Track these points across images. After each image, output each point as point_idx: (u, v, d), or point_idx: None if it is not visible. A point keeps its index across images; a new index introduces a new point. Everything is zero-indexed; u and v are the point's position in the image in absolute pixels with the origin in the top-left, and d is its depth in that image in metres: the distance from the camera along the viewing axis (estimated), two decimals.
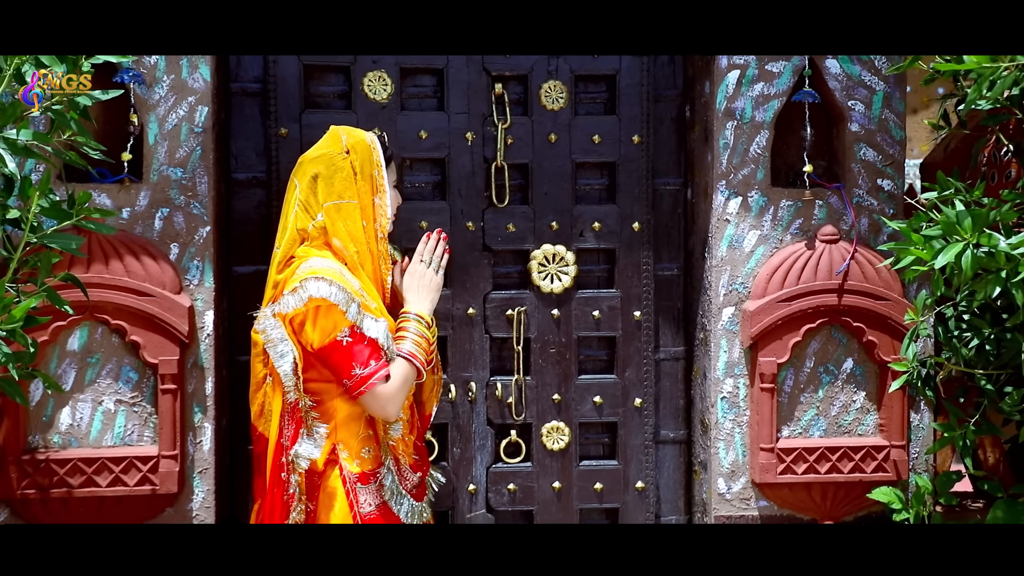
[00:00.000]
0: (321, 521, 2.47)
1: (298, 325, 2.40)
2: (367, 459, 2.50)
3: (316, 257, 2.46)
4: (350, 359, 2.39)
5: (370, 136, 2.57)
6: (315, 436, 2.46)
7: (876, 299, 2.91)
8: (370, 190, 2.52)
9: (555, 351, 3.11)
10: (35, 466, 2.70)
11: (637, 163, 3.11)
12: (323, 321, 2.38)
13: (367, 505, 2.47)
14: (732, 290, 2.96)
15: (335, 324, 2.38)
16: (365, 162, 2.51)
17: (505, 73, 3.06)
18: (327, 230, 2.49)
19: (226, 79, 2.99)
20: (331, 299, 2.37)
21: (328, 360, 2.41)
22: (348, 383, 2.40)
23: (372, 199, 2.51)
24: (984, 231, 2.17)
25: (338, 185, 2.48)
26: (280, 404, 2.45)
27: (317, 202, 2.48)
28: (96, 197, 2.72)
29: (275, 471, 2.46)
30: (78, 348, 2.76)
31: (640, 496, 3.15)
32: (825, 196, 2.97)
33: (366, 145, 2.53)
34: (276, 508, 2.46)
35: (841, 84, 2.94)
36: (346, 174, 2.49)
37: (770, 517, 2.99)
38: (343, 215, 2.49)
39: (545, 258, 3.09)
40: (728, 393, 2.97)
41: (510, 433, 3.12)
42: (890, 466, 2.94)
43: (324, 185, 2.48)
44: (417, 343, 2.53)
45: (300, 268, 2.43)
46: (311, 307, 2.38)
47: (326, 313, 2.38)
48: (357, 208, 2.49)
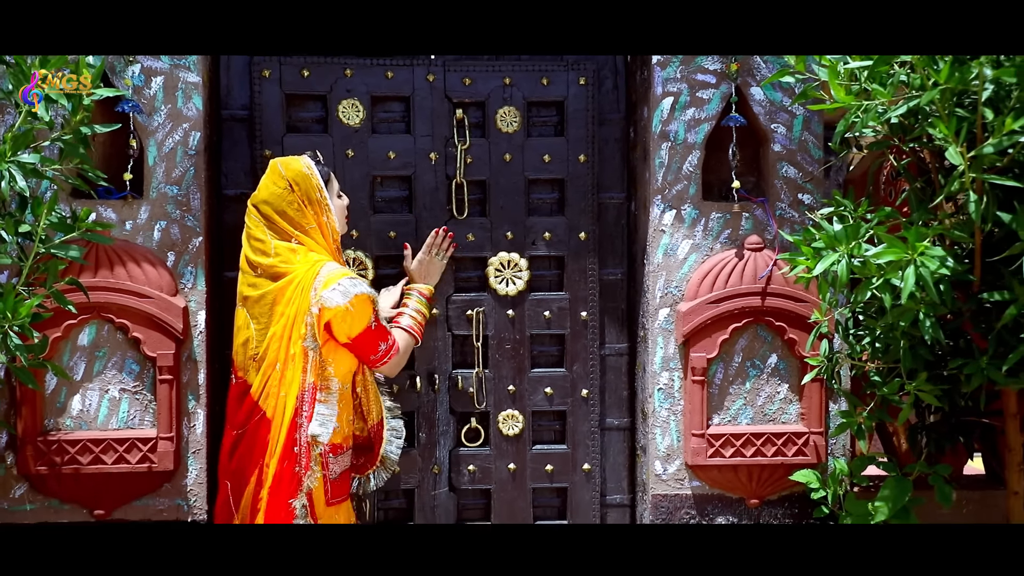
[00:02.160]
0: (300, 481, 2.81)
1: (330, 317, 2.76)
2: (337, 433, 2.85)
3: (329, 262, 2.83)
4: (377, 339, 2.86)
5: (305, 162, 2.89)
6: (328, 415, 2.80)
7: (796, 301, 3.20)
8: (319, 212, 2.87)
9: (510, 347, 3.39)
10: (50, 446, 2.99)
11: (584, 179, 3.38)
12: (359, 312, 2.79)
13: (334, 472, 2.86)
14: (667, 293, 3.26)
15: (368, 313, 2.81)
16: (308, 190, 2.85)
17: (465, 100, 3.34)
18: (307, 248, 2.84)
19: (217, 107, 3.29)
20: (370, 293, 2.82)
21: (358, 342, 2.83)
22: (375, 357, 2.88)
23: (322, 219, 2.87)
24: (859, 243, 2.48)
25: (295, 215, 2.84)
26: (298, 386, 2.78)
27: (286, 232, 2.83)
28: (102, 212, 3.03)
29: (288, 444, 2.78)
30: (87, 343, 3.06)
31: (587, 477, 3.44)
32: (751, 209, 3.26)
33: (305, 175, 2.86)
34: (284, 479, 2.77)
35: (764, 109, 3.24)
36: (296, 206, 2.84)
37: (702, 496, 3.27)
38: (311, 236, 2.85)
39: (501, 264, 3.37)
40: (664, 385, 3.28)
41: (470, 420, 3.40)
42: (810, 450, 3.22)
43: (282, 221, 2.84)
44: (413, 317, 3.05)
45: (324, 270, 2.79)
46: (349, 304, 2.76)
47: (362, 305, 2.79)
48: (316, 229, 2.86)
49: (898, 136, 2.59)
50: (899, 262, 2.26)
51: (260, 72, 3.27)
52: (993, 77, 2.20)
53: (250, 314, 2.87)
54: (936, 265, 2.22)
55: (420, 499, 3.39)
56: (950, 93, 2.26)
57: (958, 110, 2.31)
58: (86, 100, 2.54)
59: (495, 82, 3.35)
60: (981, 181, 2.28)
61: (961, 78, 2.20)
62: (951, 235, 2.43)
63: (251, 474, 2.83)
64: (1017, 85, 2.21)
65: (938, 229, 2.41)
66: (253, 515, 2.82)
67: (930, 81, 2.23)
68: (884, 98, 2.37)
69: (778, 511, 3.30)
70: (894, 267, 2.28)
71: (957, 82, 2.19)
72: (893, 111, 2.36)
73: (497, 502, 3.42)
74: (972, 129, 2.29)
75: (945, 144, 2.22)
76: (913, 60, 2.27)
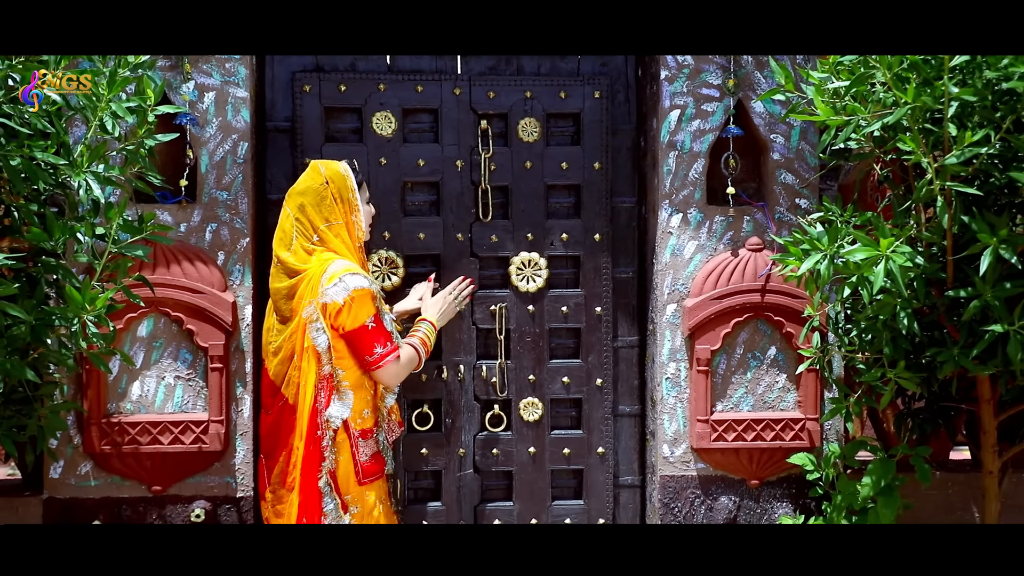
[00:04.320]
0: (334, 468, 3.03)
1: (334, 311, 2.97)
2: (367, 419, 3.10)
3: (339, 260, 3.03)
4: (374, 340, 3.00)
5: (343, 165, 3.14)
6: (345, 400, 3.03)
7: (793, 297, 3.44)
8: (348, 211, 3.11)
9: (531, 340, 3.64)
10: (112, 427, 3.26)
11: (598, 185, 3.63)
12: (357, 308, 2.97)
13: (364, 455, 3.09)
14: (674, 290, 3.50)
15: (366, 311, 2.98)
16: (342, 188, 3.10)
17: (489, 112, 3.59)
18: (327, 246, 3.07)
19: (263, 119, 3.57)
20: (371, 288, 2.98)
21: (354, 340, 3.00)
22: (369, 359, 3.01)
23: (350, 217, 3.11)
24: (841, 244, 2.74)
25: (325, 210, 3.08)
26: (315, 376, 3.01)
27: (312, 225, 3.06)
28: (160, 215, 3.31)
29: (311, 429, 3.00)
30: (146, 334, 3.34)
31: (601, 460, 3.69)
32: (752, 213, 3.51)
33: (341, 175, 3.11)
34: (313, 459, 3.01)
35: (764, 121, 3.48)
36: (328, 201, 3.08)
37: (706, 477, 3.52)
38: (334, 232, 3.08)
39: (522, 263, 3.61)
40: (671, 374, 3.52)
41: (493, 407, 3.63)
42: (805, 435, 3.46)
43: (313, 212, 3.06)
44: (424, 339, 3.18)
45: (332, 267, 3.00)
46: (351, 297, 2.95)
47: (361, 301, 2.97)
48: (343, 226, 3.10)
49: (879, 147, 2.85)
50: (872, 259, 2.52)
51: (301, 87, 3.55)
52: (957, 95, 2.46)
53: (273, 305, 3.14)
54: (903, 260, 2.48)
55: (447, 480, 3.63)
56: (920, 110, 2.52)
57: (928, 125, 2.58)
58: (150, 116, 2.83)
59: (517, 95, 3.61)
60: (949, 188, 2.55)
61: (927, 98, 2.46)
62: (923, 237, 2.69)
63: (280, 453, 3.09)
64: (979, 103, 2.47)
65: (909, 231, 2.67)
66: (283, 488, 3.07)
67: (901, 100, 2.49)
68: (863, 115, 2.62)
69: (776, 491, 3.55)
70: (868, 264, 2.54)
71: (923, 101, 2.45)
72: (871, 126, 2.62)
73: (518, 483, 3.66)
74: (940, 141, 2.56)
75: (913, 157, 2.48)
76: (887, 80, 2.53)
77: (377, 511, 3.10)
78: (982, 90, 2.45)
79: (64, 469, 3.34)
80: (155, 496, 3.37)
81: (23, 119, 2.55)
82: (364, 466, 3.08)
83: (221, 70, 3.35)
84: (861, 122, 2.64)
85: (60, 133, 2.67)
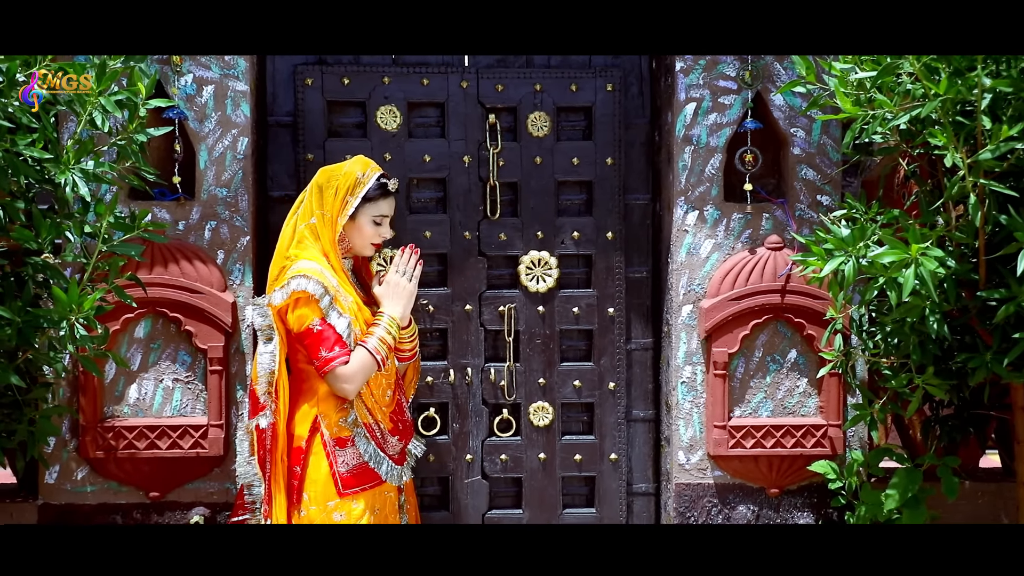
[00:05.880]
0: (309, 478, 2.92)
1: (284, 314, 2.90)
2: (345, 426, 2.98)
3: (304, 259, 2.94)
4: (319, 344, 2.88)
5: (371, 171, 3.02)
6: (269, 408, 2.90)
7: (814, 298, 3.31)
8: (337, 210, 2.97)
9: (540, 342, 3.54)
10: (109, 432, 3.17)
11: (611, 181, 3.53)
12: (301, 310, 2.88)
13: (344, 465, 2.96)
14: (690, 290, 3.39)
15: (310, 313, 2.88)
16: (346, 186, 2.98)
17: (497, 105, 3.49)
18: (319, 233, 2.97)
19: (263, 114, 3.48)
20: (309, 290, 2.86)
21: (303, 343, 2.91)
22: (316, 363, 2.90)
23: (337, 217, 2.98)
24: (866, 244, 2.61)
25: (327, 198, 2.97)
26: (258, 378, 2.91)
27: (312, 209, 2.97)
28: (157, 212, 3.22)
29: (259, 435, 2.91)
30: (143, 336, 3.25)
31: (614, 466, 3.58)
32: (771, 210, 3.38)
33: (354, 175, 2.99)
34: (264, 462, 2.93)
35: (784, 114, 3.35)
36: (332, 191, 2.97)
37: (723, 485, 3.40)
38: (324, 223, 2.98)
39: (532, 262, 3.51)
40: (687, 378, 3.41)
41: (502, 411, 3.54)
42: (827, 442, 3.33)
43: (317, 196, 2.98)
44: (382, 339, 2.97)
45: (291, 268, 2.92)
46: (292, 299, 2.87)
47: (304, 303, 2.87)
48: (329, 220, 2.98)
49: (906, 142, 2.71)
50: (900, 262, 2.38)
51: (303, 80, 3.45)
52: (991, 87, 2.32)
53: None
54: (934, 265, 2.34)
55: (454, 486, 3.54)
56: (951, 102, 2.38)
57: (959, 118, 2.44)
58: (141, 110, 2.73)
59: (526, 88, 3.50)
60: (982, 185, 2.41)
61: (960, 88, 2.32)
62: (954, 236, 2.55)
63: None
64: (1014, 95, 2.33)
65: (940, 231, 2.53)
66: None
67: (931, 91, 2.35)
68: (889, 107, 2.49)
69: (797, 500, 3.42)
70: (896, 267, 2.41)
71: (955, 92, 2.31)
72: (898, 119, 2.49)
73: (528, 490, 3.56)
74: (973, 135, 2.41)
75: (943, 151, 2.34)
76: (916, 71, 2.39)
77: (367, 520, 2.97)
78: (1018, 80, 2.30)
79: (59, 474, 3.26)
80: (153, 502, 3.29)
81: (7, 113, 2.45)
82: (343, 476, 2.95)
83: (220, 63, 3.26)
84: (887, 115, 2.51)
85: (48, 128, 2.57)
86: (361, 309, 3.02)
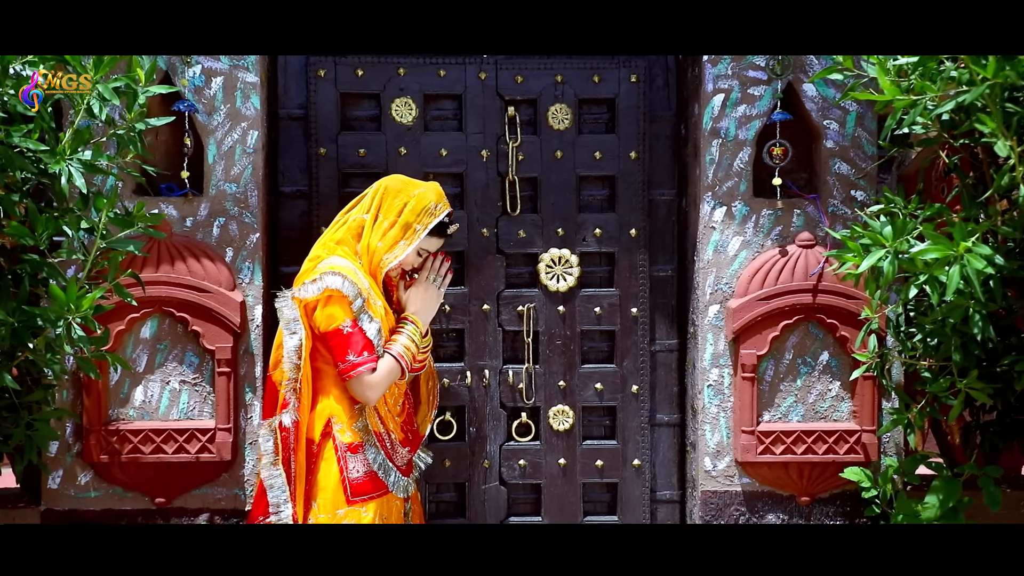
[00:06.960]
0: (319, 485, 2.81)
1: (311, 310, 2.78)
2: (358, 432, 2.86)
3: (336, 256, 2.83)
4: (347, 346, 2.77)
5: (441, 207, 2.89)
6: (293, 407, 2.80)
7: (848, 298, 3.18)
8: (402, 229, 2.85)
9: (561, 343, 3.43)
10: (113, 435, 3.10)
11: (634, 176, 3.41)
12: (331, 309, 2.76)
13: (355, 471, 2.83)
14: (717, 289, 3.27)
15: (341, 314, 2.76)
16: (416, 211, 2.85)
17: (516, 97, 3.38)
18: (363, 232, 2.87)
19: (274, 106, 3.38)
20: (343, 290, 2.76)
21: (328, 343, 2.79)
22: (341, 366, 2.78)
23: (385, 224, 2.85)
24: (906, 240, 2.47)
25: (388, 204, 2.86)
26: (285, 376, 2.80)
27: (369, 206, 2.87)
28: (164, 208, 3.13)
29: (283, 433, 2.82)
30: (149, 336, 3.17)
31: (637, 473, 3.46)
32: (803, 206, 3.24)
33: (428, 201, 2.86)
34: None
35: (817, 105, 3.21)
36: (400, 204, 2.85)
37: (752, 493, 3.27)
38: (376, 228, 2.86)
39: (552, 260, 3.41)
40: (714, 381, 3.28)
41: (521, 415, 3.43)
42: (861, 449, 3.20)
43: (380, 197, 2.87)
44: (407, 347, 2.88)
45: (322, 263, 2.81)
46: (324, 296, 2.76)
47: (335, 302, 2.76)
48: (379, 225, 2.86)
49: (948, 132, 2.57)
50: (944, 259, 2.24)
51: (316, 72, 3.34)
52: None
53: None
54: (982, 264, 2.20)
55: (471, 493, 3.44)
56: (999, 88, 2.24)
57: (1008, 105, 2.29)
58: (140, 98, 2.61)
59: (547, 80, 3.38)
60: None
61: (1009, 73, 2.17)
62: (1000, 231, 2.41)
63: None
64: None
65: (987, 225, 2.39)
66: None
67: (978, 77, 2.20)
68: (933, 94, 2.34)
69: (829, 509, 3.29)
70: (940, 264, 2.26)
71: (1004, 77, 2.17)
72: (942, 107, 2.34)
73: (547, 497, 3.45)
74: (1022, 124, 2.27)
75: (993, 139, 2.20)
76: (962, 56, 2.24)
77: None
78: None
79: (63, 479, 3.18)
80: (159, 508, 3.20)
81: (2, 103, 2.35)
82: (353, 483, 2.84)
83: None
84: (928, 104, 2.36)
85: (46, 118, 2.47)
86: (388, 314, 2.91)
